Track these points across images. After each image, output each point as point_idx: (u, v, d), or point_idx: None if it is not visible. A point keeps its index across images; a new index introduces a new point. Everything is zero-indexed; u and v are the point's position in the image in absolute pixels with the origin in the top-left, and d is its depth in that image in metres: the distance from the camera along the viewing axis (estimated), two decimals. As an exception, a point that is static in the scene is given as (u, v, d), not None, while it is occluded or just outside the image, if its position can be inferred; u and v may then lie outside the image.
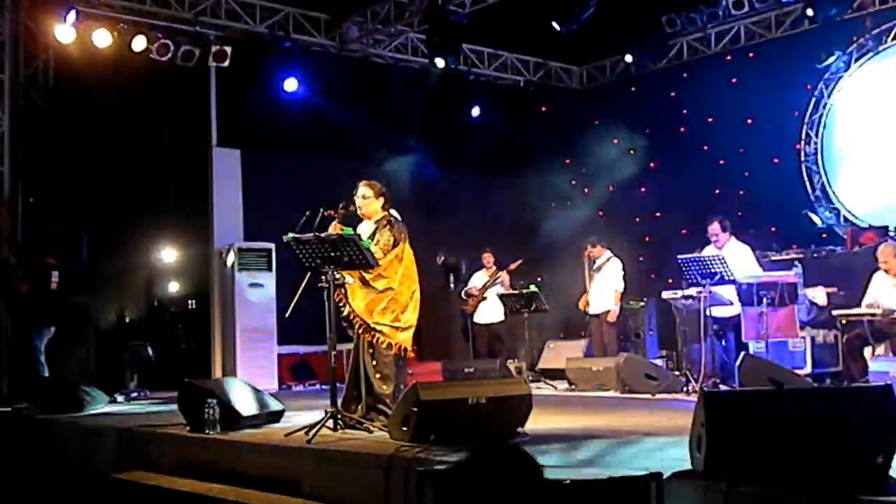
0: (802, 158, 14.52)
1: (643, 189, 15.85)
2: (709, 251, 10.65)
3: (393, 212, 7.93)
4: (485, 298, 13.69)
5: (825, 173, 14.46)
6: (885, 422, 4.71)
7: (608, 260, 12.86)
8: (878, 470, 4.64)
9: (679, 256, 10.32)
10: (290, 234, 7.20)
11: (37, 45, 13.27)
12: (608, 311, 12.69)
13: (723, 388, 9.80)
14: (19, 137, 12.97)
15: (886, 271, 10.20)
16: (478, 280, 13.89)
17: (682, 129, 15.45)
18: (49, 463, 9.18)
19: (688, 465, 4.98)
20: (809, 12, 13.15)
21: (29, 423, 9.81)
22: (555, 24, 13.09)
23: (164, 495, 7.06)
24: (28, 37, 13.12)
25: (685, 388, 10.47)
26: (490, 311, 13.71)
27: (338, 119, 14.64)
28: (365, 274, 7.54)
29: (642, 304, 14.00)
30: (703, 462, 4.72)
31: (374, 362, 7.63)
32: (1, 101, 12.81)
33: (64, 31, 12.41)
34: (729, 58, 15.34)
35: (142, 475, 7.56)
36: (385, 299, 7.60)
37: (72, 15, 12.31)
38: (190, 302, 14.24)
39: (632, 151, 15.66)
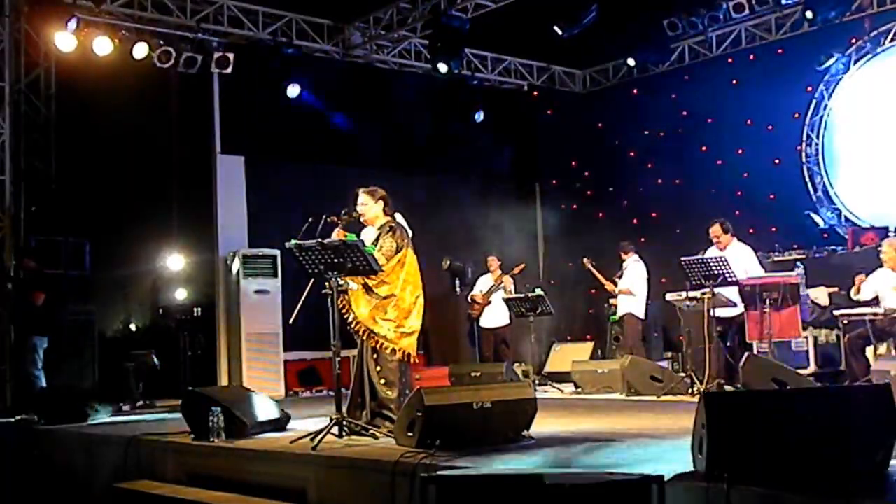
0: (804, 160, 14.52)
1: (642, 190, 15.88)
2: (711, 253, 10.66)
3: (398, 216, 7.91)
4: (490, 302, 13.70)
5: (826, 174, 14.48)
6: (883, 419, 4.78)
7: (630, 264, 13.04)
8: (877, 466, 4.73)
9: (682, 258, 10.32)
10: (293, 241, 7.20)
11: (38, 52, 13.23)
12: (627, 313, 12.93)
13: (727, 388, 9.82)
14: (20, 146, 12.90)
15: (893, 268, 10.24)
16: (483, 284, 13.89)
17: (682, 131, 15.47)
18: (53, 473, 9.17)
19: (690, 468, 5.00)
20: (809, 15, 13.17)
21: (33, 433, 9.81)
22: (557, 29, 13.11)
23: (169, 504, 7.07)
24: (29, 44, 13.05)
25: (690, 390, 10.47)
26: (496, 315, 13.71)
27: (341, 125, 14.68)
28: (367, 281, 7.53)
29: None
30: (705, 464, 4.74)
31: (379, 368, 7.61)
32: (1, 110, 12.73)
33: (64, 39, 12.33)
34: (730, 60, 15.37)
35: (146, 484, 7.55)
36: (388, 305, 7.58)
37: (72, 23, 12.25)
38: (195, 309, 14.19)
39: (632, 154, 15.73)
